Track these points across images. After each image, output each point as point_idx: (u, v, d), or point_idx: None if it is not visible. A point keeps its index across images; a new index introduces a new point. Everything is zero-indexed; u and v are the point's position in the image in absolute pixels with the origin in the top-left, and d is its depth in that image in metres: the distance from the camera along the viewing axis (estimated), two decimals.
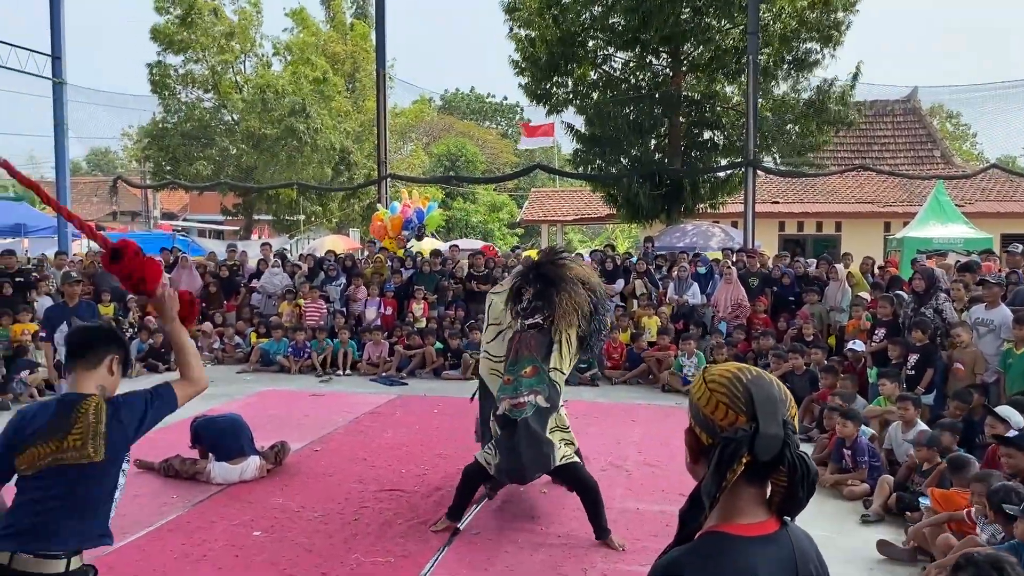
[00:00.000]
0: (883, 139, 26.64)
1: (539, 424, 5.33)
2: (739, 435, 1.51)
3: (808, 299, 12.07)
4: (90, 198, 39.24)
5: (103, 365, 2.94)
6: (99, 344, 2.97)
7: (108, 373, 2.96)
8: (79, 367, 2.94)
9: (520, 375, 5.42)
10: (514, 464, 5.33)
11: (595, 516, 5.43)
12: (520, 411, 5.30)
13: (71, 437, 2.79)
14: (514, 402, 5.35)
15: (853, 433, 6.80)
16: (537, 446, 5.28)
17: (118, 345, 3.04)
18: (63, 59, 16.53)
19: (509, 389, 5.43)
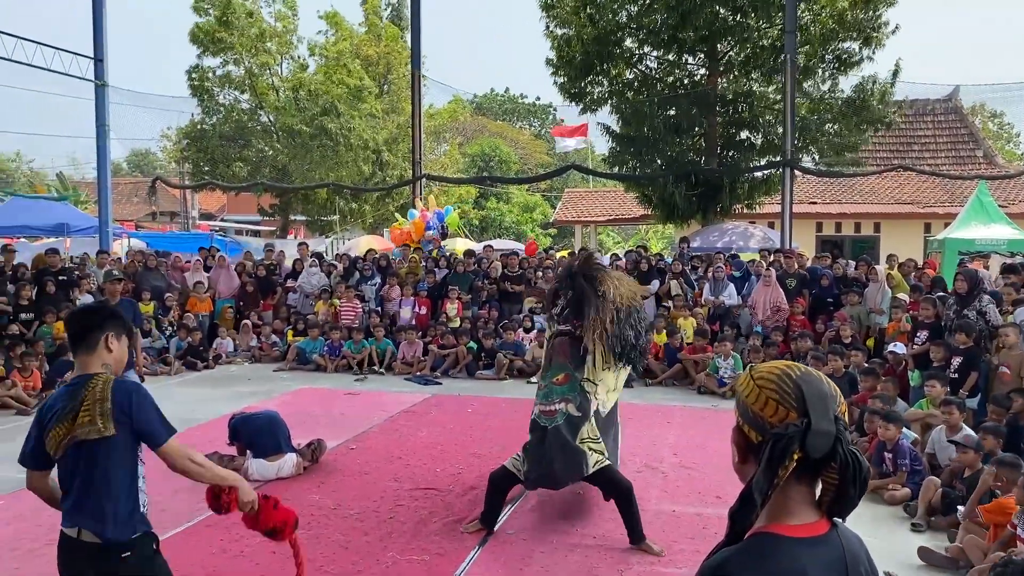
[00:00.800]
0: (923, 139, 26.18)
1: (570, 433, 5.25)
2: (790, 431, 1.48)
3: (847, 300, 11.89)
4: (130, 198, 39.89)
5: (100, 345, 3.03)
6: (91, 326, 3.06)
7: (107, 351, 3.05)
8: (80, 352, 3.06)
9: (552, 382, 5.39)
10: (545, 470, 5.30)
11: (629, 519, 5.34)
12: (550, 419, 5.26)
13: (81, 414, 2.91)
14: (545, 409, 5.32)
15: (895, 436, 6.68)
16: (569, 454, 5.23)
17: (111, 321, 3.10)
18: (105, 61, 16.80)
19: (541, 395, 5.43)
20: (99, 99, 16.95)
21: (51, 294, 12.14)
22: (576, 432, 5.28)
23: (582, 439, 5.31)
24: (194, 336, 13.08)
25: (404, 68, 27.75)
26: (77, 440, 2.91)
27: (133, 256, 15.69)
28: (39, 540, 5.49)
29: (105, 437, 2.89)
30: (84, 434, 2.89)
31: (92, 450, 2.91)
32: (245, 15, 27.85)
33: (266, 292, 14.82)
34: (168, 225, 37.08)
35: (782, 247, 15.30)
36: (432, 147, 33.73)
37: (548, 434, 5.23)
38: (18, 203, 21.55)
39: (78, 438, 2.90)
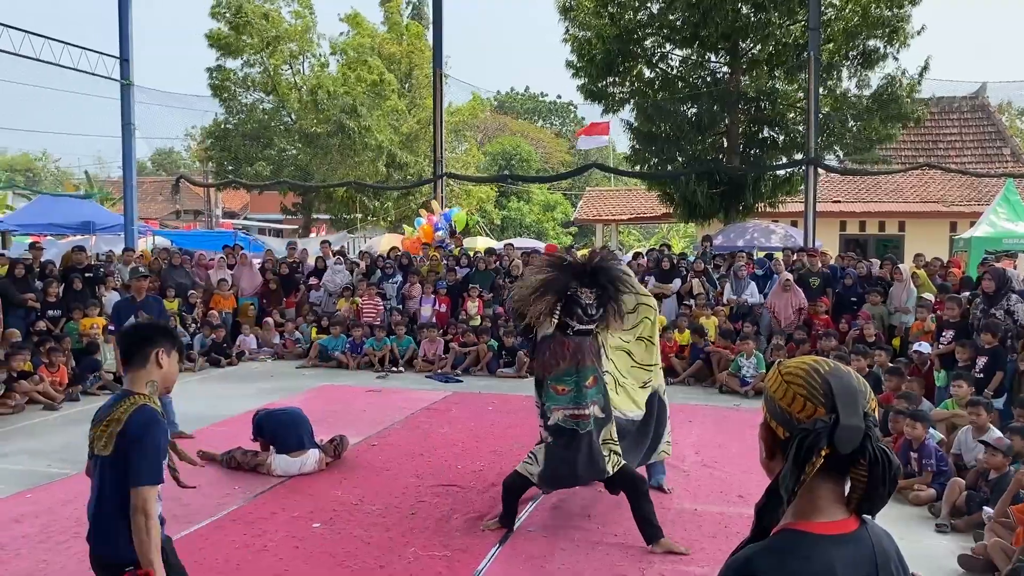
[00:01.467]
0: (949, 136, 25.87)
1: (596, 435, 5.29)
2: (818, 426, 1.47)
3: (870, 300, 11.80)
4: (155, 197, 40.26)
5: (150, 361, 3.06)
6: (141, 343, 3.10)
7: (156, 367, 3.09)
8: (130, 368, 3.10)
9: (584, 386, 5.27)
10: (566, 472, 5.32)
11: (641, 515, 5.26)
12: (584, 423, 5.22)
13: (101, 427, 2.98)
14: (574, 413, 5.24)
15: (921, 436, 6.61)
16: (595, 456, 5.26)
17: (163, 337, 3.15)
18: (131, 61, 16.96)
19: (565, 399, 5.28)
20: (124, 98, 17.11)
21: (78, 291, 12.29)
22: (600, 434, 5.30)
23: (604, 440, 5.32)
24: (218, 333, 13.19)
25: (426, 67, 27.79)
26: (94, 453, 3.00)
27: (158, 253, 15.86)
28: (67, 533, 5.56)
29: (106, 456, 2.94)
30: (96, 447, 2.99)
31: (101, 465, 2.98)
32: (260, 17, 28.01)
33: (289, 290, 14.92)
34: (192, 223, 37.39)
35: (805, 246, 15.20)
36: (452, 146, 33.79)
37: (580, 438, 5.21)
38: (45, 201, 21.83)
39: (95, 451, 2.99)
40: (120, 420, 2.94)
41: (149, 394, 3.06)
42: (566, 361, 5.30)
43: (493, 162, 41.74)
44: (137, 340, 3.12)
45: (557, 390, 5.30)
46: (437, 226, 17.69)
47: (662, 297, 13.13)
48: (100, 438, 2.96)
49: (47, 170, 57.46)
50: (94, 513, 3.02)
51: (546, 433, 5.34)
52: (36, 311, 11.75)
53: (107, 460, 2.94)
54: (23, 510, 6.03)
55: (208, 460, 7.26)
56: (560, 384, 5.30)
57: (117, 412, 2.97)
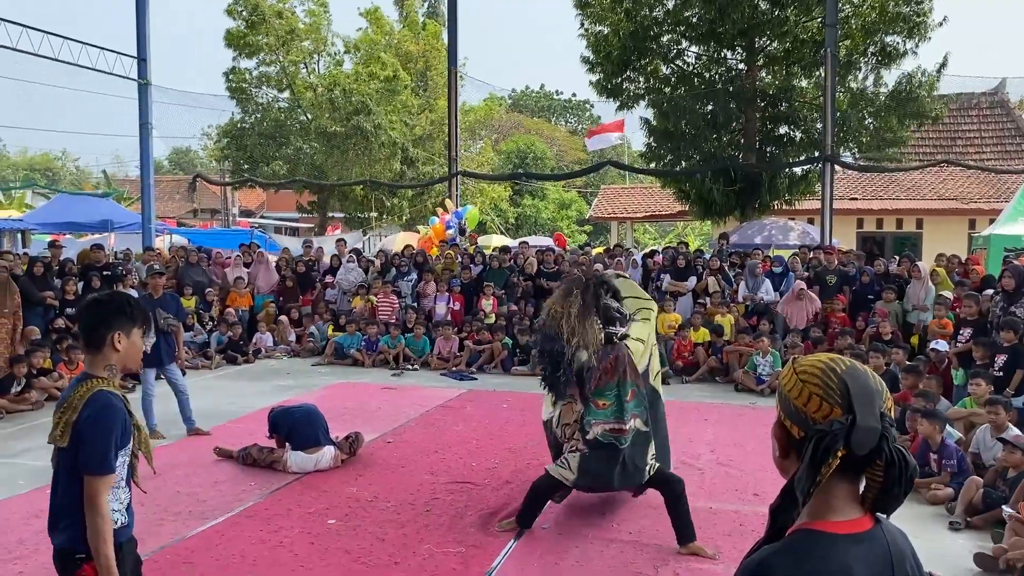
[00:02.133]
0: (968, 133, 25.62)
1: (641, 450, 5.26)
2: (835, 427, 1.45)
3: (886, 297, 11.71)
4: (172, 196, 40.53)
5: (106, 345, 2.88)
6: (97, 326, 2.90)
7: (113, 350, 2.90)
8: (87, 350, 2.95)
9: (624, 400, 5.23)
10: (602, 482, 5.33)
11: (677, 516, 5.24)
12: (623, 437, 5.17)
13: (57, 415, 2.89)
14: (615, 428, 5.19)
15: (936, 436, 6.56)
16: (633, 471, 5.24)
17: (121, 318, 2.92)
18: (148, 61, 17.07)
19: (605, 413, 5.22)
20: (142, 98, 17.22)
21: (96, 289, 12.39)
22: (647, 448, 5.30)
23: (651, 454, 5.33)
24: (234, 331, 13.28)
25: (442, 66, 27.83)
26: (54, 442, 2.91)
27: (175, 252, 15.97)
28: None
29: (62, 448, 2.86)
30: (51, 437, 2.89)
31: (58, 455, 2.90)
32: (275, 16, 28.13)
33: (305, 288, 14.98)
34: (209, 222, 37.60)
35: (822, 244, 15.10)
36: (467, 144, 33.82)
37: (621, 453, 5.17)
38: (64, 200, 22.05)
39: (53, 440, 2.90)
40: (76, 408, 2.83)
41: (108, 377, 2.92)
42: (608, 375, 5.26)
43: (508, 160, 41.74)
44: (93, 322, 2.92)
45: (598, 404, 5.24)
46: (448, 224, 17.77)
47: (677, 295, 13.10)
48: (57, 426, 2.86)
49: (66, 169, 57.98)
50: (51, 503, 2.96)
51: (583, 445, 5.26)
52: (55, 309, 11.86)
53: (64, 451, 2.86)
54: (43, 505, 6.02)
55: (224, 457, 7.32)
56: (601, 399, 5.24)
57: (75, 398, 2.85)
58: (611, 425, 5.20)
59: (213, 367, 12.52)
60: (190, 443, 7.98)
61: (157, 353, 8.12)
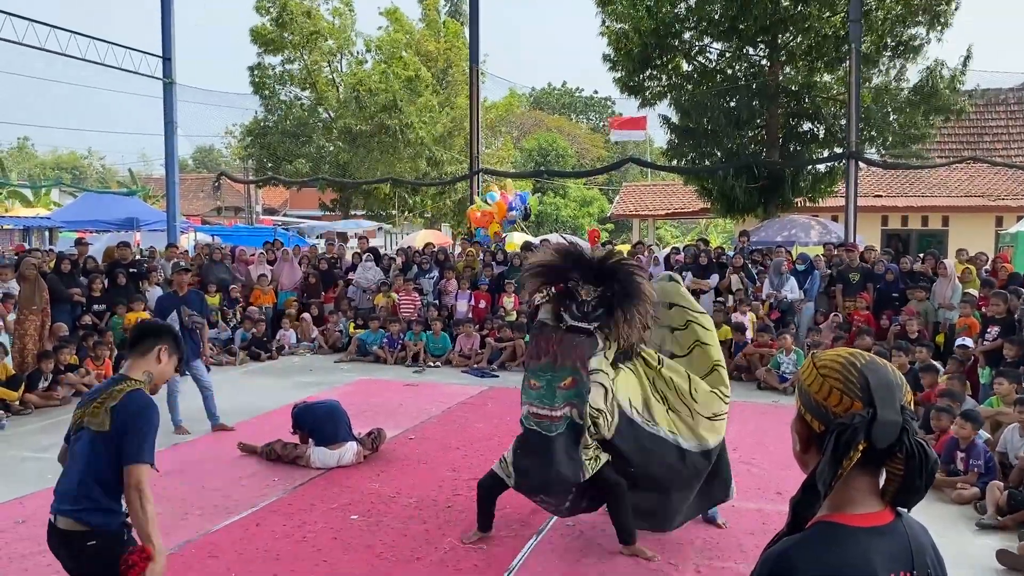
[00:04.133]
0: (995, 129, 25.31)
1: (573, 440, 4.77)
2: (856, 421, 1.46)
3: (914, 295, 11.59)
4: (196, 194, 40.91)
5: (152, 354, 3.28)
6: (150, 335, 3.34)
7: (156, 361, 3.29)
8: (132, 355, 3.30)
9: (558, 386, 4.77)
10: (535, 476, 4.87)
11: (617, 518, 5.01)
12: (553, 425, 4.73)
13: (94, 404, 3.11)
14: (544, 414, 4.76)
15: (971, 435, 6.49)
16: (568, 463, 4.75)
17: (170, 339, 3.37)
18: (173, 60, 17.25)
19: (534, 395, 4.84)
20: (167, 97, 17.41)
21: (122, 286, 12.54)
22: (578, 440, 4.79)
23: (585, 445, 4.82)
24: (258, 327, 13.39)
25: (463, 64, 27.88)
26: (83, 424, 3.11)
27: (200, 249, 16.13)
28: None
29: (103, 432, 3.04)
30: (88, 421, 3.09)
31: (92, 439, 3.07)
32: (302, 14, 28.30)
33: (328, 285, 15.08)
34: (233, 220, 37.93)
35: (845, 241, 14.98)
36: (489, 141, 33.83)
37: (549, 442, 4.72)
38: (91, 198, 22.33)
39: (84, 423, 3.10)
40: (116, 397, 3.08)
41: (144, 382, 3.22)
42: (547, 356, 4.86)
43: (529, 158, 41.73)
44: (148, 332, 3.36)
45: (531, 384, 4.89)
46: (512, 205, 17.72)
47: (699, 292, 13.04)
48: (95, 414, 3.07)
49: (93, 168, 58.67)
50: (77, 483, 3.07)
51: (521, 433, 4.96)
52: (82, 305, 12.01)
53: (102, 436, 3.04)
54: None
55: (248, 452, 7.39)
56: (535, 379, 4.88)
57: (113, 392, 3.11)
58: (535, 409, 4.80)
59: (237, 363, 12.63)
60: (214, 439, 8.06)
61: None
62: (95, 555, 3.05)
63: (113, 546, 3.05)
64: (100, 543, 3.06)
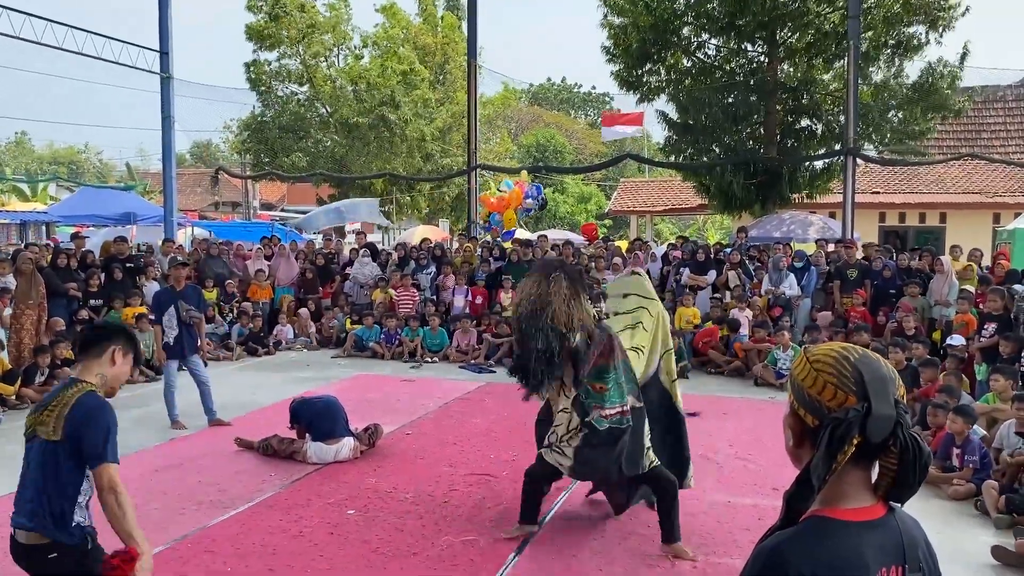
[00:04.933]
0: (993, 126, 25.32)
1: (640, 427, 5.00)
2: (851, 416, 1.46)
3: (909, 292, 11.61)
4: (194, 188, 40.84)
5: (105, 355, 3.15)
6: (104, 337, 3.21)
7: (110, 363, 3.17)
8: (85, 357, 3.18)
9: (621, 382, 4.98)
10: (601, 468, 5.06)
11: (666, 517, 5.08)
12: (625, 419, 4.92)
13: (46, 412, 3.01)
14: (616, 411, 4.91)
15: (964, 430, 6.51)
16: (633, 454, 4.96)
17: (124, 339, 3.25)
18: (170, 55, 17.20)
19: (603, 398, 4.93)
20: (164, 92, 17.36)
21: (119, 280, 12.52)
22: (642, 428, 5.02)
23: (647, 444, 5.06)
24: (255, 323, 13.38)
25: (461, 58, 27.85)
26: (35, 433, 3.02)
27: (197, 244, 16.10)
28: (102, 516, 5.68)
29: (53, 440, 2.95)
30: (39, 430, 3.00)
31: (43, 448, 2.98)
32: (296, 9, 28.25)
33: (325, 280, 15.07)
34: (230, 215, 37.87)
35: (843, 238, 14.98)
36: (486, 136, 33.79)
37: (621, 440, 4.91)
38: (88, 193, 22.27)
39: (37, 434, 3.01)
40: (68, 404, 2.97)
41: (98, 385, 3.10)
42: (604, 356, 4.99)
43: (527, 154, 41.70)
44: (100, 334, 3.25)
45: (595, 388, 4.96)
46: (528, 194, 17.88)
47: (697, 289, 13.05)
48: (45, 423, 2.97)
49: (90, 162, 58.55)
50: (32, 495, 2.99)
51: (582, 430, 4.99)
52: (78, 300, 11.99)
53: (54, 444, 2.95)
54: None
55: (245, 447, 7.39)
56: (599, 382, 4.96)
57: (64, 397, 3.00)
58: (612, 410, 4.93)
59: (234, 359, 12.62)
60: (211, 434, 8.06)
61: (179, 345, 8.21)
62: (59, 568, 2.97)
63: (78, 558, 2.98)
64: (62, 556, 2.97)
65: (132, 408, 9.26)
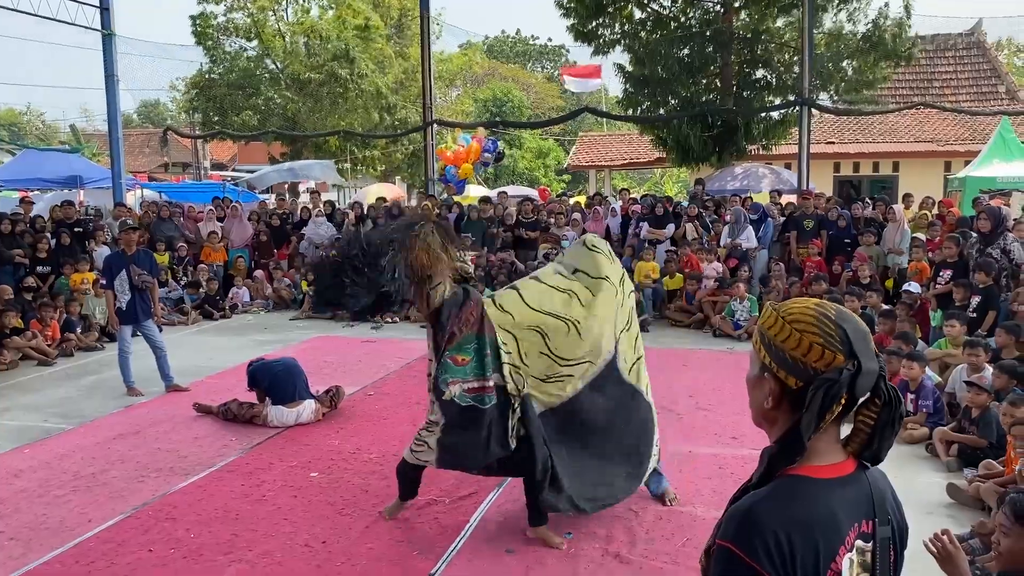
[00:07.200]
0: (944, 75, 25.59)
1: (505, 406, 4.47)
2: (843, 376, 1.44)
3: (864, 241, 11.77)
4: (142, 149, 39.76)
5: None
6: None
7: None
8: None
9: (485, 354, 4.45)
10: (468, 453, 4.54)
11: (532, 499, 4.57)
12: (486, 396, 4.43)
13: None
14: (474, 385, 4.43)
15: (918, 375, 6.64)
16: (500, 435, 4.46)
17: None
18: (111, 10, 16.57)
19: (463, 371, 4.43)
20: (107, 49, 16.75)
21: (67, 246, 12.19)
22: (510, 402, 4.48)
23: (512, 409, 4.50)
24: (210, 286, 13.14)
25: (417, 11, 27.34)
26: None
27: (147, 207, 15.71)
28: (65, 487, 5.59)
29: None
30: None
31: None
32: None
33: (280, 241, 14.83)
34: (181, 176, 37.00)
35: (799, 188, 15.10)
36: (445, 93, 33.33)
37: (483, 414, 4.41)
38: (31, 156, 21.52)
39: None
40: None
41: None
42: (469, 327, 4.44)
43: (484, 108, 41.23)
44: None
45: (456, 360, 4.43)
46: (487, 148, 17.74)
47: (656, 242, 13.09)
48: None
49: (32, 124, 56.65)
50: None
51: (439, 413, 4.53)
52: (25, 267, 11.66)
53: None
54: (21, 465, 6.04)
55: (204, 412, 7.29)
56: (460, 354, 4.43)
57: None
58: (470, 384, 4.41)
59: (190, 323, 12.41)
60: (169, 400, 7.93)
61: (132, 310, 8.03)
62: None
63: None
64: None
65: (87, 375, 9.08)
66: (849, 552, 1.47)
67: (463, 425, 4.44)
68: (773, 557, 1.38)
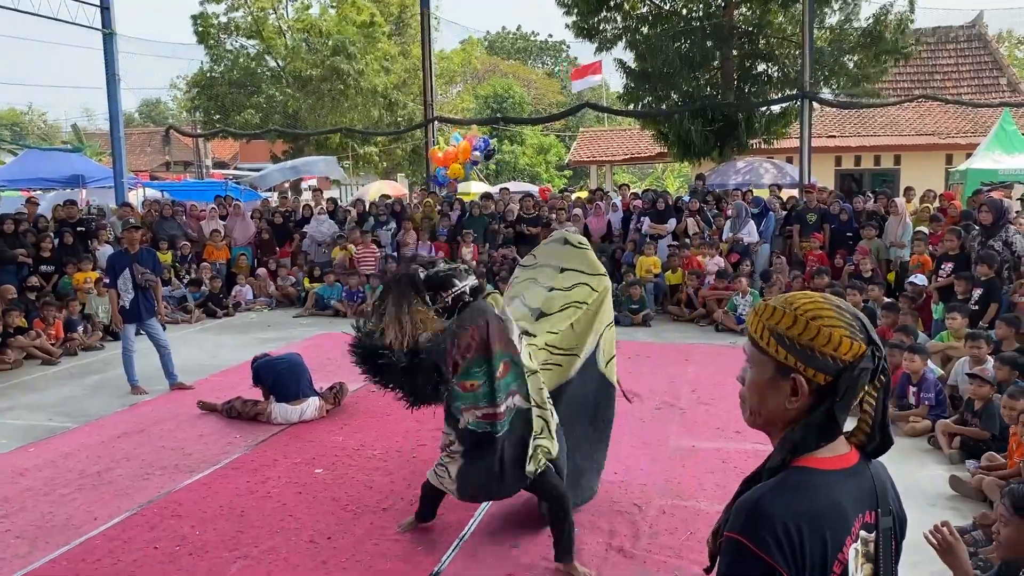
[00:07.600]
0: (945, 67, 25.52)
1: (524, 431, 4.28)
2: (871, 363, 1.47)
3: (866, 234, 11.76)
4: (144, 148, 39.79)
5: None
6: None
7: None
8: None
9: (496, 377, 4.17)
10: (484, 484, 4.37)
11: (559, 532, 4.32)
12: (499, 423, 4.20)
13: None
14: (487, 413, 4.19)
15: (920, 368, 6.65)
16: (517, 462, 4.28)
17: None
18: (111, 9, 16.58)
19: (474, 396, 4.20)
20: (108, 48, 16.75)
21: (70, 245, 12.21)
22: (530, 427, 4.30)
23: (536, 434, 4.32)
24: (213, 284, 13.17)
25: (417, 8, 27.33)
26: None
27: (149, 206, 15.74)
28: (70, 485, 5.61)
29: None
30: None
31: None
32: None
33: (283, 239, 14.85)
34: (182, 174, 37.02)
35: (801, 182, 15.10)
36: (445, 90, 33.32)
37: (497, 442, 4.21)
38: (33, 156, 21.54)
39: None
40: None
41: None
42: (471, 352, 4.13)
43: (485, 105, 41.20)
44: None
45: (465, 387, 4.20)
46: (476, 146, 17.74)
47: (658, 237, 13.09)
48: None
49: (34, 124, 56.69)
50: None
51: (456, 442, 4.37)
52: (29, 266, 11.69)
53: None
54: (27, 464, 6.07)
55: (208, 410, 7.31)
56: (468, 379, 4.18)
57: None
58: (482, 410, 4.20)
59: (193, 321, 12.44)
60: (173, 398, 7.96)
61: (136, 308, 8.05)
62: None
63: None
64: None
65: (91, 374, 9.11)
66: (855, 542, 1.48)
67: (480, 455, 4.30)
68: (783, 548, 1.39)
